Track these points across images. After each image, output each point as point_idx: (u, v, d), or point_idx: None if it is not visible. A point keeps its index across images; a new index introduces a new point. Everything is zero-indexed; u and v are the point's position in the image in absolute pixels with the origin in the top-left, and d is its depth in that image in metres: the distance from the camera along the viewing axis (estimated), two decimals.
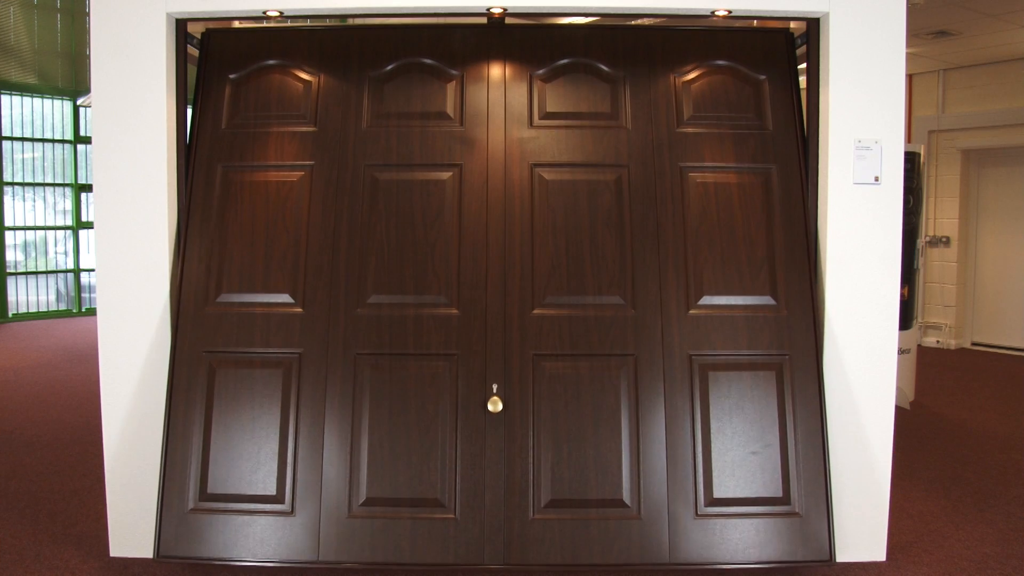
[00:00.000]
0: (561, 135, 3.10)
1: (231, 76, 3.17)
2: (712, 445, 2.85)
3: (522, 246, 2.99)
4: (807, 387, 2.89)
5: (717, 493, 2.83)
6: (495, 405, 2.84)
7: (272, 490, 2.82)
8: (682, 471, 2.84)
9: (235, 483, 2.83)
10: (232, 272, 2.98)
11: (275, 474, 2.82)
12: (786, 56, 3.21)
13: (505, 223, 3.01)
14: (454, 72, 3.21)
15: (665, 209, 3.02)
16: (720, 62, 3.22)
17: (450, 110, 3.15)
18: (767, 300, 2.96)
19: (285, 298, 2.95)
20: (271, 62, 3.21)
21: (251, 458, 2.84)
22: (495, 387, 2.87)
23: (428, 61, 3.24)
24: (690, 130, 3.11)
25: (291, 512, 2.80)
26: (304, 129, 3.10)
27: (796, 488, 2.83)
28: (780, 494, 2.83)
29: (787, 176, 3.05)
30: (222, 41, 3.25)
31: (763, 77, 3.17)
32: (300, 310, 2.94)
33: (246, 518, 2.80)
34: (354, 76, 3.18)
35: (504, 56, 3.24)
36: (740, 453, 2.85)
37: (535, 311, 2.94)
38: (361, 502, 2.81)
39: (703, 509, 2.82)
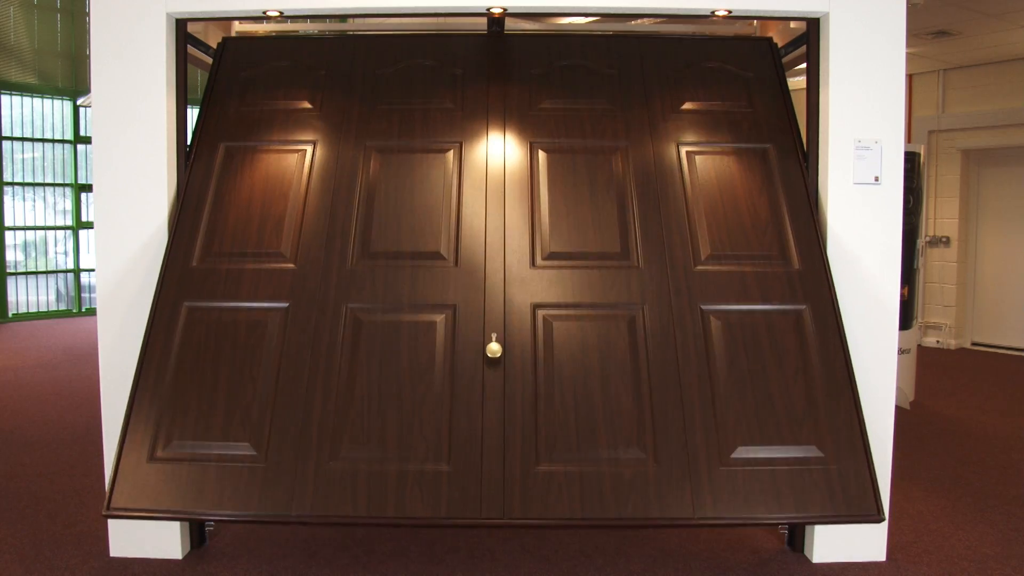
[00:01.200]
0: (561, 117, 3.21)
1: (242, 73, 3.30)
2: (731, 393, 2.71)
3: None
4: (828, 337, 2.80)
5: (742, 443, 2.64)
6: (494, 349, 2.70)
7: (244, 439, 2.63)
8: (701, 420, 2.67)
9: (203, 432, 2.64)
10: (225, 236, 2.95)
11: (249, 423, 2.65)
12: (771, 60, 3.35)
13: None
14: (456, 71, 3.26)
15: (667, 192, 3.06)
16: (710, 64, 3.35)
17: (450, 102, 3.19)
18: (768, 254, 2.94)
19: (278, 257, 2.92)
20: (283, 63, 3.33)
21: (225, 407, 2.67)
22: (494, 335, 2.76)
23: (428, 63, 3.30)
24: (688, 139, 3.17)
25: (263, 462, 2.58)
26: (306, 105, 3.21)
27: (829, 441, 2.64)
28: (813, 444, 2.64)
29: (784, 154, 3.10)
30: (236, 46, 3.41)
31: (751, 75, 3.31)
32: (292, 266, 2.90)
33: (214, 469, 2.57)
34: (358, 73, 3.30)
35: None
36: (763, 402, 2.70)
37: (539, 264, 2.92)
38: (343, 453, 2.61)
39: (728, 459, 2.62)
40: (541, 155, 3.11)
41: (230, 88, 3.26)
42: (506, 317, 2.82)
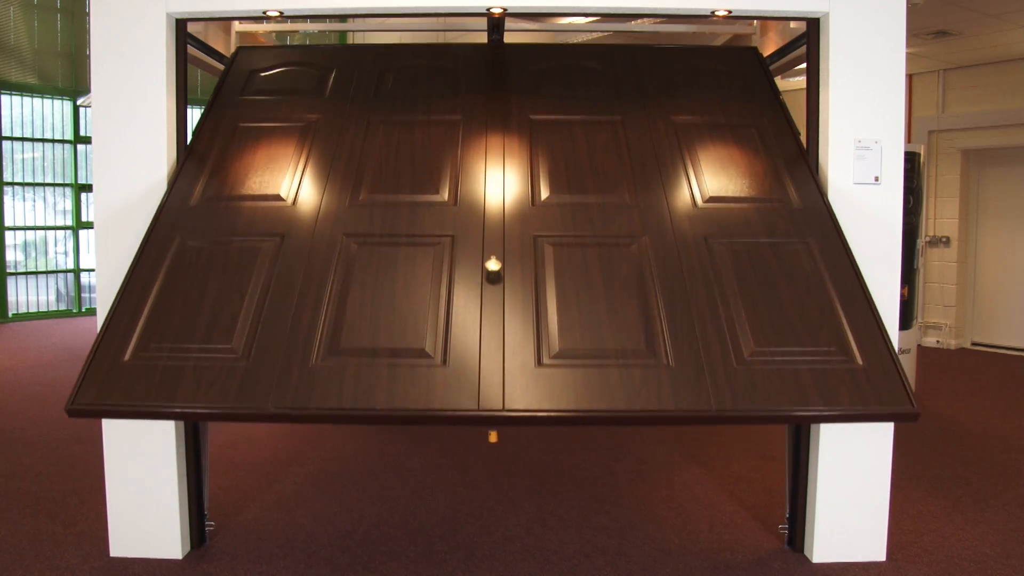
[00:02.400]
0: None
1: (252, 70, 3.44)
2: (742, 304, 2.62)
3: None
4: (836, 260, 2.75)
5: (758, 345, 2.52)
6: (494, 264, 2.64)
7: (226, 343, 2.51)
8: (713, 327, 2.56)
9: (184, 336, 2.52)
10: (228, 179, 2.98)
11: (234, 330, 2.53)
12: (757, 63, 3.51)
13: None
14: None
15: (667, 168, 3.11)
16: (703, 69, 3.53)
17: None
18: (767, 197, 2.96)
19: (275, 197, 2.94)
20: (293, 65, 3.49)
21: (209, 317, 2.56)
22: (493, 257, 2.70)
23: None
24: (683, 116, 3.27)
25: (244, 360, 2.45)
26: (312, 98, 3.33)
27: (853, 341, 2.54)
28: (832, 346, 2.53)
29: (779, 131, 3.19)
30: (250, 52, 3.58)
31: (739, 71, 3.47)
32: (289, 203, 2.91)
33: (191, 368, 2.44)
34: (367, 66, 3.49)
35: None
36: (775, 309, 2.61)
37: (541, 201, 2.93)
38: (331, 354, 2.48)
39: (744, 359, 2.48)
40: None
41: (242, 76, 3.43)
42: (505, 243, 2.76)
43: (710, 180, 3.00)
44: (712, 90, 3.39)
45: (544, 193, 2.94)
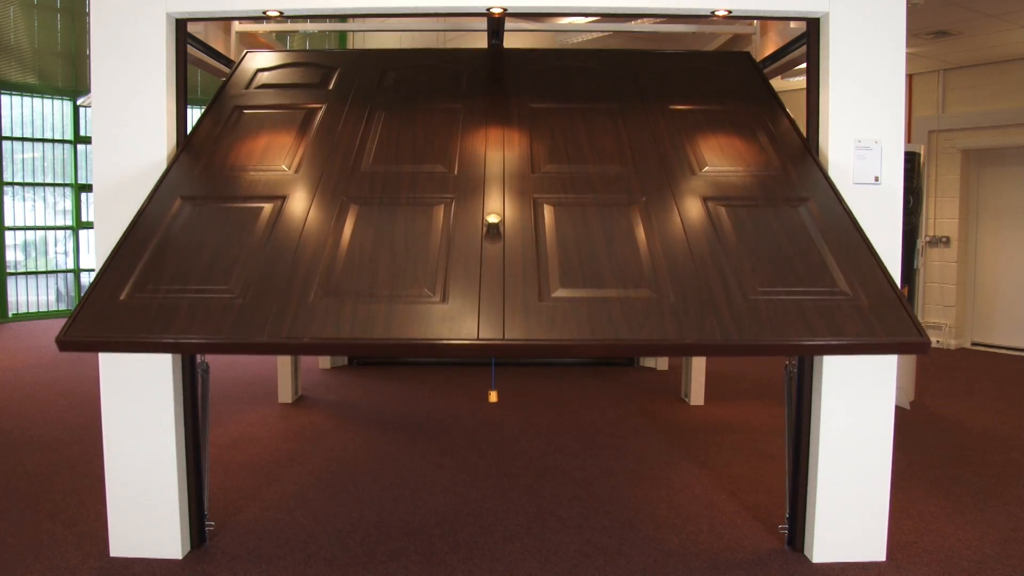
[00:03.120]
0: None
1: (258, 68, 3.54)
2: (743, 251, 2.64)
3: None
4: (838, 220, 2.76)
5: (761, 285, 2.52)
6: (494, 218, 2.67)
7: (224, 284, 2.52)
8: (716, 269, 2.57)
9: (182, 278, 2.54)
10: (231, 154, 3.03)
11: (232, 273, 2.55)
12: (752, 66, 3.57)
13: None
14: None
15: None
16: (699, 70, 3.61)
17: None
18: (764, 169, 3.00)
19: (276, 168, 2.98)
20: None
21: (207, 261, 2.60)
22: (493, 212, 2.73)
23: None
24: (680, 106, 3.35)
25: (241, 298, 2.46)
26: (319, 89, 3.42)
27: (857, 283, 2.53)
28: (836, 287, 2.52)
29: (774, 116, 3.28)
30: (256, 54, 3.67)
31: (734, 71, 3.55)
32: (291, 173, 2.97)
33: (187, 304, 2.45)
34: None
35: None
36: (777, 256, 2.62)
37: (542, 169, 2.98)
38: (328, 293, 2.49)
39: (749, 297, 2.48)
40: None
41: (249, 72, 3.53)
42: (505, 203, 2.80)
43: (708, 155, 3.06)
44: (708, 85, 3.48)
45: (543, 163, 3.00)
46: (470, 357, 2.62)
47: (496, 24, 3.56)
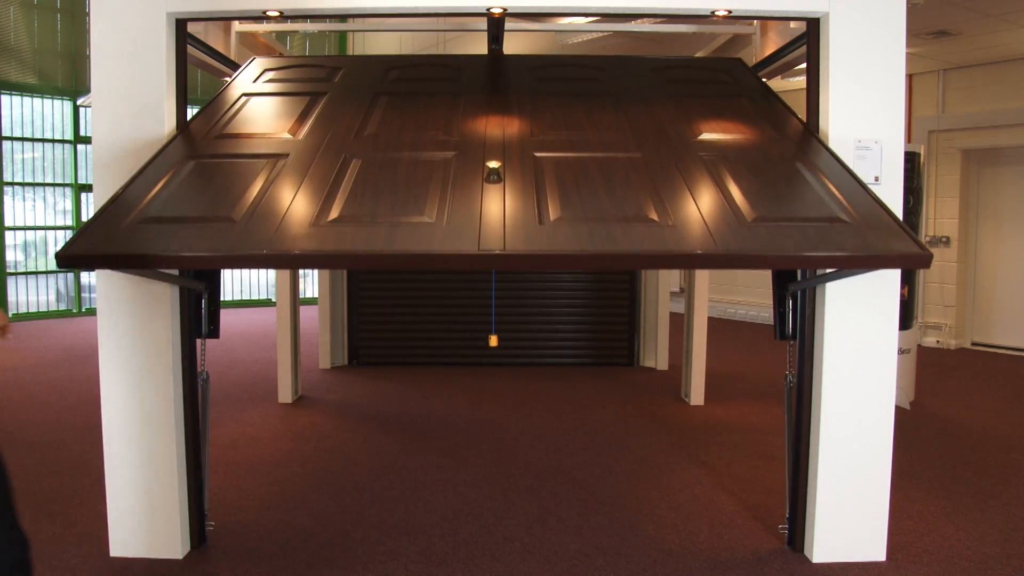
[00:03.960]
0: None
1: (265, 68, 3.65)
2: (741, 185, 2.69)
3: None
4: (834, 170, 2.79)
5: (759, 213, 2.55)
6: (494, 163, 2.74)
7: (227, 213, 2.55)
8: (714, 198, 2.61)
9: (185, 211, 2.58)
10: (235, 125, 3.10)
11: (233, 207, 2.58)
12: (745, 70, 3.63)
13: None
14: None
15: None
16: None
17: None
18: (759, 137, 3.04)
19: (282, 134, 3.05)
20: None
21: (210, 201, 2.64)
22: (493, 160, 2.81)
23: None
24: (677, 93, 3.43)
25: (243, 224, 2.50)
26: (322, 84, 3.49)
27: (856, 213, 2.56)
28: (835, 216, 2.55)
29: (769, 101, 3.35)
30: (263, 60, 3.78)
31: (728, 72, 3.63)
32: (295, 137, 3.03)
33: (191, 227, 2.49)
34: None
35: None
36: (774, 194, 2.66)
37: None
38: (329, 218, 2.52)
39: (748, 222, 2.51)
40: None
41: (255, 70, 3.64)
42: (505, 158, 2.83)
43: (705, 128, 3.10)
44: (705, 80, 3.57)
45: (543, 132, 3.05)
46: (470, 270, 2.71)
47: (496, 28, 3.57)
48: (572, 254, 2.34)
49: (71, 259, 2.34)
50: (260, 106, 3.29)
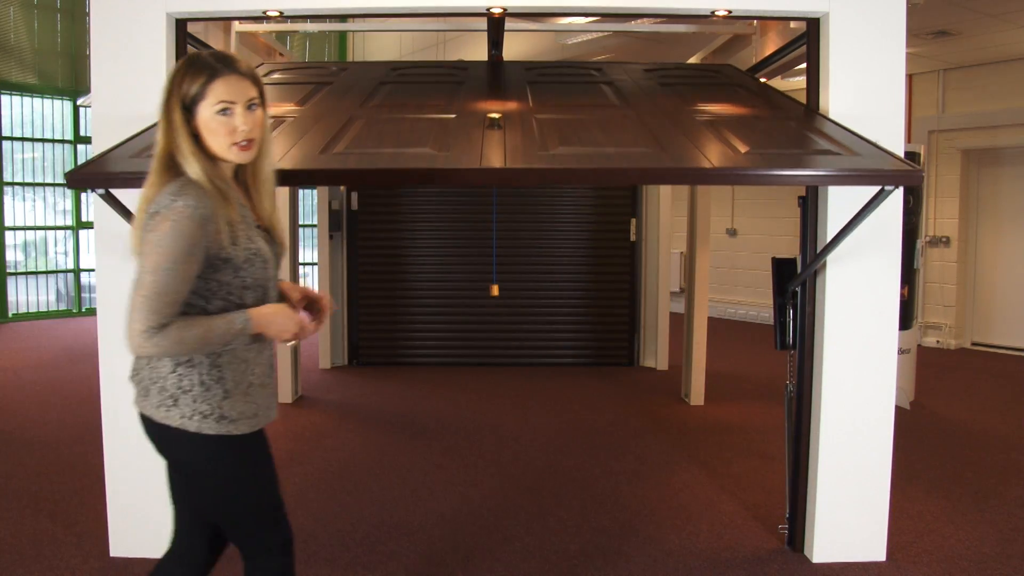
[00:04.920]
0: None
1: (270, 70, 3.77)
2: (738, 134, 2.81)
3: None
4: (827, 126, 2.89)
5: (755, 145, 2.72)
6: (495, 114, 2.92)
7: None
8: (711, 139, 2.78)
9: None
10: None
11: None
12: (738, 72, 3.69)
13: None
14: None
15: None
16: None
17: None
18: (757, 110, 3.13)
19: (288, 104, 3.18)
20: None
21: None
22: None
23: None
24: (678, 86, 3.52)
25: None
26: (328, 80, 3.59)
27: (844, 149, 2.71)
28: (830, 150, 2.69)
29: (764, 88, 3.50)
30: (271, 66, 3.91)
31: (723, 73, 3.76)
32: (301, 108, 3.14)
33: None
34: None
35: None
36: (769, 138, 2.80)
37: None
38: (334, 151, 2.68)
39: (742, 156, 2.67)
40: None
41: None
42: (505, 119, 2.94)
43: (700, 103, 3.18)
44: (699, 77, 3.67)
45: (542, 105, 3.15)
46: (472, 185, 2.87)
47: (496, 33, 3.58)
48: (572, 168, 2.54)
49: (79, 180, 2.39)
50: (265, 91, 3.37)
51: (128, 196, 2.94)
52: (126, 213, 2.55)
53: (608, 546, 3.15)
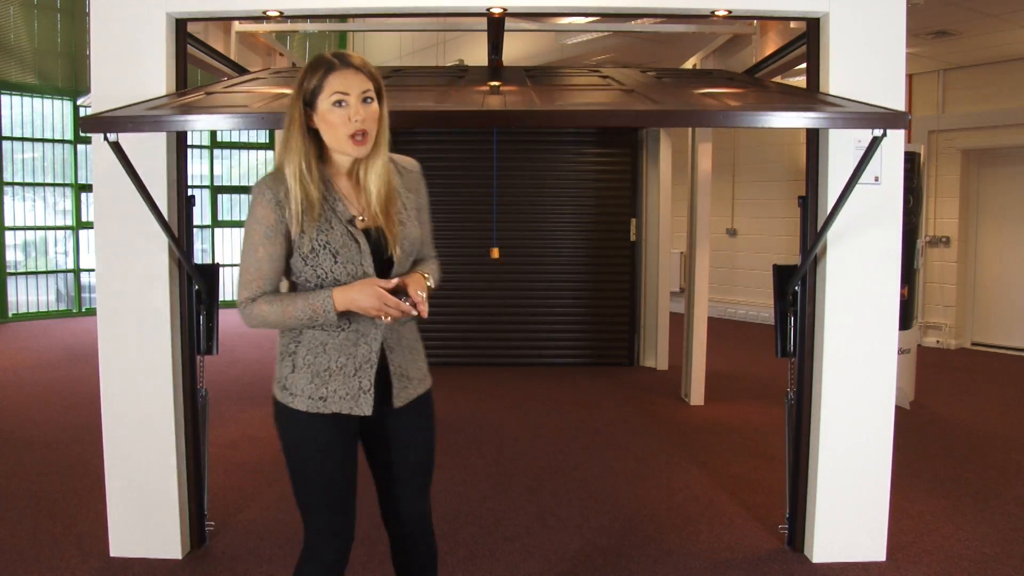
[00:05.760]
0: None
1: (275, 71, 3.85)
2: (736, 97, 2.98)
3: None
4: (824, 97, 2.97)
5: (749, 105, 2.91)
6: (493, 84, 3.16)
7: (241, 103, 2.83)
8: (708, 99, 2.95)
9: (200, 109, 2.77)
10: (243, 89, 3.24)
11: (244, 104, 2.83)
12: (732, 72, 3.81)
13: None
14: None
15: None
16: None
17: None
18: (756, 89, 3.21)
19: (287, 91, 3.21)
20: None
21: (224, 105, 2.88)
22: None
23: None
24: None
25: (253, 110, 2.76)
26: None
27: (843, 106, 2.81)
28: (824, 110, 2.76)
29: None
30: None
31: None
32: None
33: (207, 112, 2.73)
34: None
35: None
36: (767, 101, 2.98)
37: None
38: None
39: (735, 106, 2.88)
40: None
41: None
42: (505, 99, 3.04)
43: (699, 89, 3.22)
44: (696, 76, 3.73)
45: (542, 92, 3.15)
46: (474, 127, 3.01)
47: (496, 35, 3.59)
48: (571, 111, 2.81)
49: (92, 125, 2.41)
50: (264, 83, 3.33)
51: (136, 156, 2.92)
52: (133, 173, 2.53)
53: (608, 546, 3.15)
